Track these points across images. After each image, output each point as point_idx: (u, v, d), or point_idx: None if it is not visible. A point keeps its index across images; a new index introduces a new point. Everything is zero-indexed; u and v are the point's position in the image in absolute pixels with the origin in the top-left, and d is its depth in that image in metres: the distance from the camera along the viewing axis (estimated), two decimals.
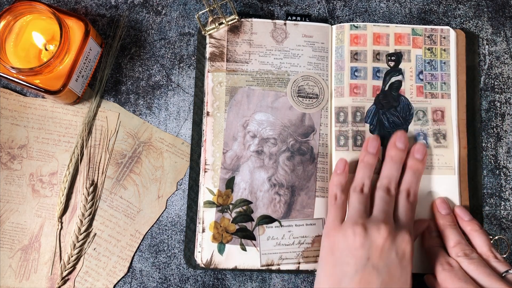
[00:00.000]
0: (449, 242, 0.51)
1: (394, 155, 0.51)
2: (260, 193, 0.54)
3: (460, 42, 0.58)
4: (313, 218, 0.54)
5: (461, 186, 0.55)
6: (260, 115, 0.55)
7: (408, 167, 0.51)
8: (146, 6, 0.59)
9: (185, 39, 0.59)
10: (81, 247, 0.55)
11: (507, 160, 0.57)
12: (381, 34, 0.57)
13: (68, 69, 0.52)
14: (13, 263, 0.55)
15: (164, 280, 0.55)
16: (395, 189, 0.50)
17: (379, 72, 0.56)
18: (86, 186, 0.56)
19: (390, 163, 0.51)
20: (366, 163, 0.51)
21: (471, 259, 0.48)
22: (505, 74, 0.59)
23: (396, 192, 0.50)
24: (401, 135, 0.52)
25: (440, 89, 0.56)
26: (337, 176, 0.51)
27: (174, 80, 0.58)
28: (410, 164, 0.52)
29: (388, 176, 0.50)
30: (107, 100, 0.58)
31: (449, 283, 0.47)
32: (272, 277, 0.55)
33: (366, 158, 0.52)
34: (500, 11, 0.60)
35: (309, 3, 0.60)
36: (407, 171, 0.51)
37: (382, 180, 0.50)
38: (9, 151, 0.57)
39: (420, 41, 0.57)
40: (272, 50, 0.57)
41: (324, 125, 0.56)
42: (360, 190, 0.50)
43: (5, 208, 0.56)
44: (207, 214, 0.54)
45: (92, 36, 0.53)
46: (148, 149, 0.57)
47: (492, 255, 0.49)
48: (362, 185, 0.50)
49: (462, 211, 0.53)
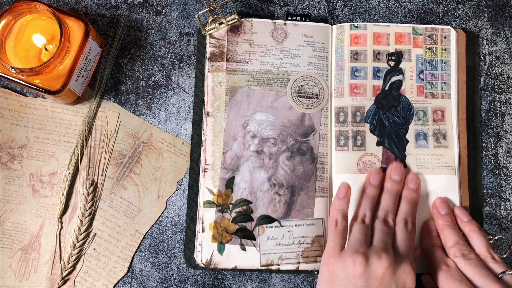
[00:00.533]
0: (447, 242, 0.51)
1: (390, 187, 0.52)
2: (260, 193, 0.54)
3: (460, 41, 0.58)
4: (313, 218, 0.54)
5: (461, 186, 0.55)
6: (260, 115, 0.55)
7: (403, 198, 0.52)
8: (146, 6, 0.59)
9: (185, 39, 0.59)
10: (81, 247, 0.55)
11: (507, 160, 0.57)
12: (381, 34, 0.57)
13: (68, 69, 0.52)
14: (13, 263, 0.55)
15: (164, 280, 0.55)
16: (393, 220, 0.50)
17: (379, 72, 0.56)
18: (86, 186, 0.56)
19: (387, 195, 0.52)
20: (368, 195, 0.52)
21: (468, 260, 0.48)
22: (505, 74, 0.59)
23: (394, 222, 0.50)
24: (397, 167, 0.53)
25: (440, 89, 0.56)
26: (339, 200, 0.51)
27: (174, 80, 0.58)
28: (405, 195, 0.52)
29: (385, 208, 0.51)
30: (107, 100, 0.58)
31: (445, 283, 0.47)
32: (272, 277, 0.55)
33: (368, 190, 0.52)
34: (500, 11, 0.60)
35: (309, 3, 0.60)
36: (402, 201, 0.52)
37: (380, 212, 0.51)
38: (9, 151, 0.57)
39: (421, 41, 0.57)
40: (272, 50, 0.57)
41: (324, 125, 0.56)
42: (361, 220, 0.50)
43: (5, 208, 0.56)
44: (207, 214, 0.54)
45: (92, 36, 0.53)
46: (148, 149, 0.57)
47: (490, 256, 0.49)
48: (364, 216, 0.50)
49: (462, 211, 0.53)
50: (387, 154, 0.55)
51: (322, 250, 0.54)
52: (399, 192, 0.52)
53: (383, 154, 0.55)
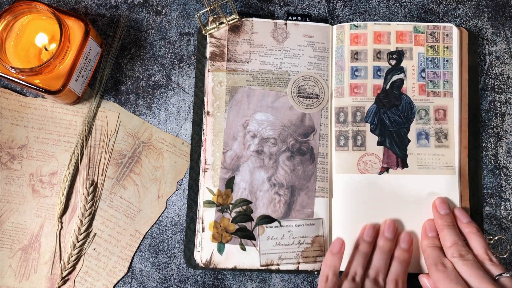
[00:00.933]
0: (445, 242, 0.51)
1: (382, 245, 0.52)
2: (260, 193, 0.54)
3: (463, 39, 0.57)
4: (313, 218, 0.54)
5: (462, 186, 0.55)
6: (260, 115, 0.55)
7: (395, 257, 0.52)
8: (146, 6, 0.59)
9: (185, 39, 0.59)
10: (81, 247, 0.55)
11: (507, 160, 0.57)
12: (382, 33, 0.57)
13: (68, 69, 0.52)
14: (13, 263, 0.55)
15: (164, 280, 0.55)
16: (383, 280, 0.50)
17: (380, 71, 0.56)
18: (86, 186, 0.56)
19: (379, 253, 0.51)
20: (361, 252, 0.51)
21: (465, 260, 0.48)
22: (505, 74, 0.59)
23: (384, 282, 0.50)
24: (390, 225, 0.53)
25: (442, 88, 0.56)
26: (332, 256, 0.51)
27: (174, 80, 0.58)
28: (396, 255, 0.52)
29: (377, 267, 0.51)
30: (107, 100, 0.58)
31: (441, 284, 0.47)
32: (272, 277, 0.55)
33: (361, 247, 0.52)
34: (500, 11, 0.60)
35: (309, 3, 0.60)
36: (394, 261, 0.51)
37: (371, 271, 0.50)
38: (9, 151, 0.57)
39: (422, 39, 0.57)
40: (272, 50, 0.57)
41: (324, 125, 0.56)
42: (352, 278, 0.50)
43: (5, 208, 0.56)
44: (207, 214, 0.54)
45: (92, 36, 0.53)
46: (148, 149, 0.57)
47: (488, 258, 0.48)
48: (355, 273, 0.50)
49: (461, 213, 0.53)
50: (388, 154, 0.55)
51: (322, 250, 0.54)
52: (391, 250, 0.52)
53: (384, 153, 0.55)
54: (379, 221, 0.54)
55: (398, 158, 0.55)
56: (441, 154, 0.55)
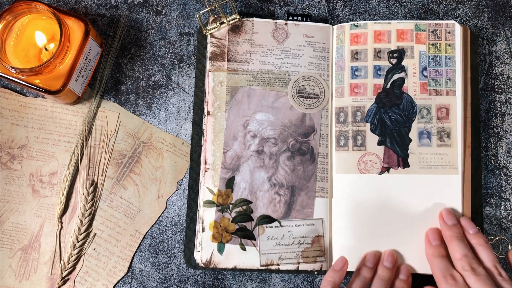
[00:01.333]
0: (455, 254, 0.49)
1: (381, 274, 0.52)
2: (260, 193, 0.54)
3: (466, 37, 0.57)
4: (313, 218, 0.54)
5: (464, 186, 0.54)
6: (261, 115, 0.55)
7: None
8: (146, 6, 0.59)
9: (185, 39, 0.59)
10: (81, 247, 0.55)
11: (507, 160, 0.57)
12: (382, 32, 0.57)
13: (68, 69, 0.52)
14: (13, 263, 0.55)
15: (164, 280, 0.55)
16: None
17: (380, 70, 0.56)
18: (86, 186, 0.56)
19: (377, 281, 0.51)
20: (361, 276, 0.51)
21: (478, 275, 0.47)
22: (505, 74, 0.59)
23: None
24: (389, 255, 0.52)
25: (445, 86, 0.56)
26: (333, 272, 0.51)
27: (174, 80, 0.58)
28: (396, 285, 0.51)
29: None
30: (107, 100, 0.58)
31: None
32: (272, 277, 0.55)
33: (362, 271, 0.52)
34: (500, 11, 0.60)
35: (309, 3, 0.60)
36: None
37: None
38: (9, 151, 0.57)
39: (424, 37, 0.56)
40: (273, 50, 0.57)
41: (325, 125, 0.56)
42: None
43: (5, 208, 0.56)
44: (207, 214, 0.53)
45: (92, 36, 0.53)
46: (148, 149, 0.57)
47: (497, 272, 0.47)
48: None
49: (468, 223, 0.52)
50: (388, 154, 0.55)
51: (321, 250, 0.54)
52: (390, 279, 0.51)
53: (385, 153, 0.55)
54: (379, 221, 0.54)
55: (399, 157, 0.55)
56: (444, 154, 0.55)
